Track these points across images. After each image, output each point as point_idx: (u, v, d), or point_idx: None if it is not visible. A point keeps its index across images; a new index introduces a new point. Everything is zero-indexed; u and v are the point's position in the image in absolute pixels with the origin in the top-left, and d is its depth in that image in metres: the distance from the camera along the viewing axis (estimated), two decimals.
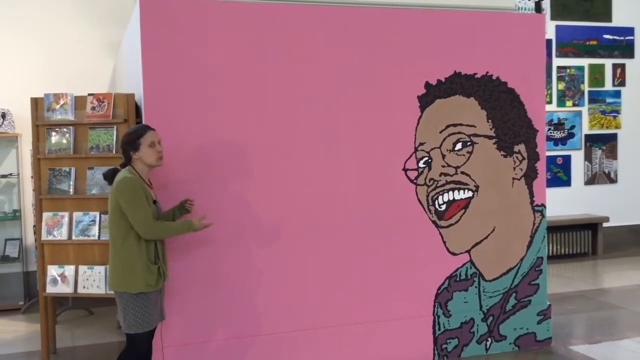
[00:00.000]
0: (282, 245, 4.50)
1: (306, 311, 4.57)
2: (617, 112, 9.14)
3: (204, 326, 4.37)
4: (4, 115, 6.66)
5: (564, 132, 8.87)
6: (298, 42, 4.50)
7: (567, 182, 8.90)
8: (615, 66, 9.10)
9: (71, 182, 4.56)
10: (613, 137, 9.13)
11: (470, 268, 4.94)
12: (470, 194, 4.90)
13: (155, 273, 3.60)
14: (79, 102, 4.60)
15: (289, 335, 4.53)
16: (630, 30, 9.13)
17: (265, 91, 4.45)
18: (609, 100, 9.08)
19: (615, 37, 9.07)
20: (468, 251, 4.93)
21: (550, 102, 8.71)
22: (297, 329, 4.55)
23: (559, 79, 8.84)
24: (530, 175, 5.08)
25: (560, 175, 8.87)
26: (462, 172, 4.86)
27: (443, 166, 4.82)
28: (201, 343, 4.36)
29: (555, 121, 8.81)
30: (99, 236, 4.49)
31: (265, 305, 4.48)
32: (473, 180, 4.89)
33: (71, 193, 4.56)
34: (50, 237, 4.57)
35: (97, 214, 4.52)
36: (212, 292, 4.37)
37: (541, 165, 5.11)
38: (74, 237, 4.54)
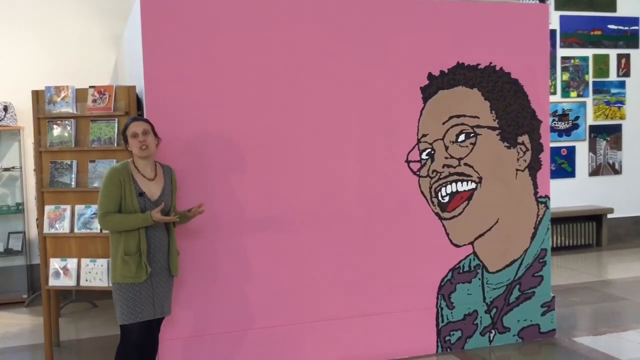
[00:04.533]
0: (285, 238, 4.49)
1: (309, 304, 4.57)
2: (622, 102, 9.08)
3: (209, 319, 4.37)
4: (6, 109, 6.66)
5: (568, 123, 8.83)
6: (300, 34, 4.48)
7: (571, 174, 8.86)
8: (619, 56, 9.04)
9: (73, 175, 4.54)
10: (618, 128, 9.08)
11: (474, 260, 4.92)
12: (473, 185, 4.87)
13: (133, 265, 3.61)
14: (80, 94, 4.58)
15: (291, 328, 4.52)
16: (634, 20, 9.06)
17: (267, 83, 4.43)
18: (613, 90, 9.03)
19: (620, 27, 9.00)
20: (471, 243, 4.91)
21: (554, 93, 8.67)
22: (299, 321, 4.54)
23: (563, 69, 8.79)
24: (534, 167, 5.05)
25: (564, 166, 8.83)
26: (465, 164, 4.84)
27: (446, 158, 4.80)
28: (206, 336, 4.36)
29: (560, 112, 8.77)
30: (101, 229, 4.47)
31: (268, 298, 4.48)
32: (476, 171, 4.87)
33: (73, 186, 4.54)
34: (53, 230, 4.56)
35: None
36: (214, 286, 4.36)
37: (545, 157, 5.08)
38: (76, 230, 4.52)
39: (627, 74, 9.08)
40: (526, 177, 5.03)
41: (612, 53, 9.00)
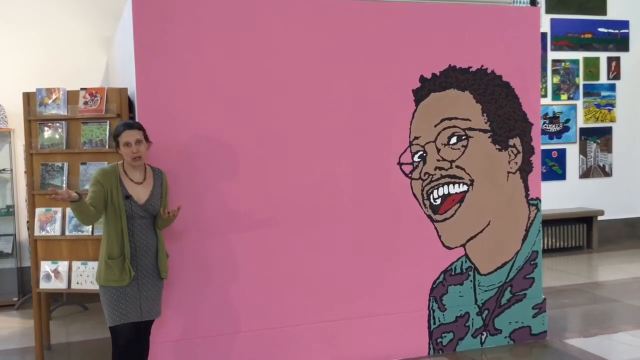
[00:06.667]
0: (277, 241, 4.49)
1: (300, 306, 4.56)
2: (612, 105, 9.14)
3: (199, 322, 4.35)
4: None
5: (559, 126, 8.87)
6: (291, 36, 4.48)
7: (562, 176, 8.91)
8: (610, 59, 9.10)
9: (64, 178, 4.52)
10: (608, 131, 9.13)
11: (466, 262, 4.93)
12: (465, 188, 4.89)
13: (116, 269, 3.61)
14: (71, 96, 4.57)
15: (283, 330, 4.52)
16: (624, 24, 9.12)
17: (259, 85, 4.42)
18: (603, 93, 9.08)
19: (610, 31, 9.06)
20: (463, 245, 4.92)
21: (545, 96, 8.71)
22: (291, 324, 4.54)
23: (554, 72, 8.83)
24: (525, 169, 5.07)
25: (555, 168, 8.87)
26: (457, 166, 4.85)
27: (438, 160, 4.81)
28: (197, 338, 4.35)
29: (550, 115, 8.81)
30: (92, 232, 4.46)
31: (259, 300, 4.47)
32: (468, 174, 4.88)
33: (64, 189, 4.51)
34: (44, 233, 4.54)
35: None
36: (206, 288, 4.35)
37: (536, 159, 5.10)
38: (67, 233, 4.51)
39: (617, 76, 9.13)
40: (517, 179, 5.05)
41: (603, 56, 9.06)
